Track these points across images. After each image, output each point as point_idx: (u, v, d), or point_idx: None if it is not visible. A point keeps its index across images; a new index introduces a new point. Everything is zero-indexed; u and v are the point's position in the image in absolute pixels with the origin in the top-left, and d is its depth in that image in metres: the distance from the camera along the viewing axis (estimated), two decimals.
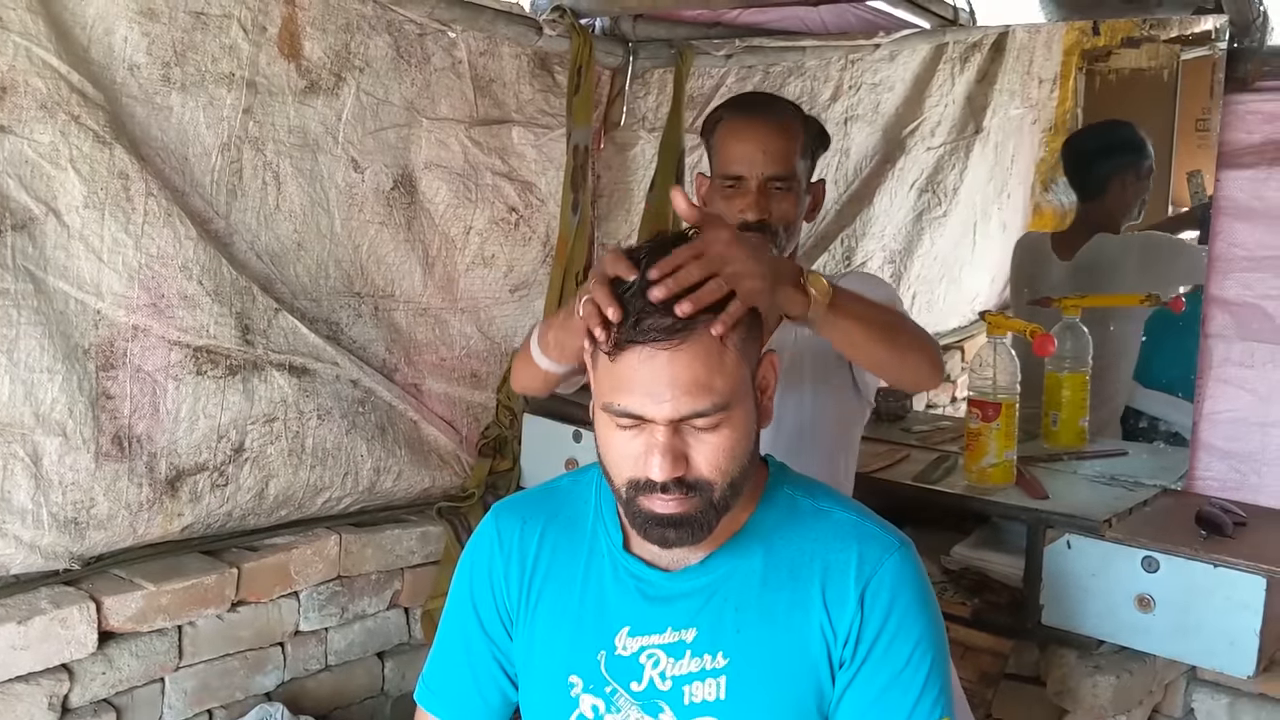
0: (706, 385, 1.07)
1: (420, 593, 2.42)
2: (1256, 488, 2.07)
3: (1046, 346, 2.10)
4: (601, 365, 1.11)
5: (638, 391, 1.07)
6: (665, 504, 1.09)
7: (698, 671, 1.16)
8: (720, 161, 1.72)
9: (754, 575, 1.18)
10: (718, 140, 1.73)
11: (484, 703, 1.31)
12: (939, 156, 3.18)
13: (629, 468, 1.11)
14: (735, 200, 1.66)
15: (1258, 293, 2.06)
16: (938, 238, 3.26)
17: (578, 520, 1.27)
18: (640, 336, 1.06)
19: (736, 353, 1.10)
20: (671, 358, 1.06)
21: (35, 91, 1.77)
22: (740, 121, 1.70)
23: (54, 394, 1.84)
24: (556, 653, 1.23)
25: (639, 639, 1.18)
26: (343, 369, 2.26)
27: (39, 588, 1.89)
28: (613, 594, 1.21)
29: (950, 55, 3.08)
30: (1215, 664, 1.82)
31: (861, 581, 1.14)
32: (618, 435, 1.11)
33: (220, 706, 2.11)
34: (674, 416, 1.07)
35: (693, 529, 1.11)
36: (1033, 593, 1.95)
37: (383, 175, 2.31)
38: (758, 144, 1.66)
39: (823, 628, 1.14)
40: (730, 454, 1.10)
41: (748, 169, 1.66)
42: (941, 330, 3.39)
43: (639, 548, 1.21)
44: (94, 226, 1.86)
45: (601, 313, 1.07)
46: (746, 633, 1.16)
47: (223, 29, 1.99)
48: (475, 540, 1.32)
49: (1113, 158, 2.59)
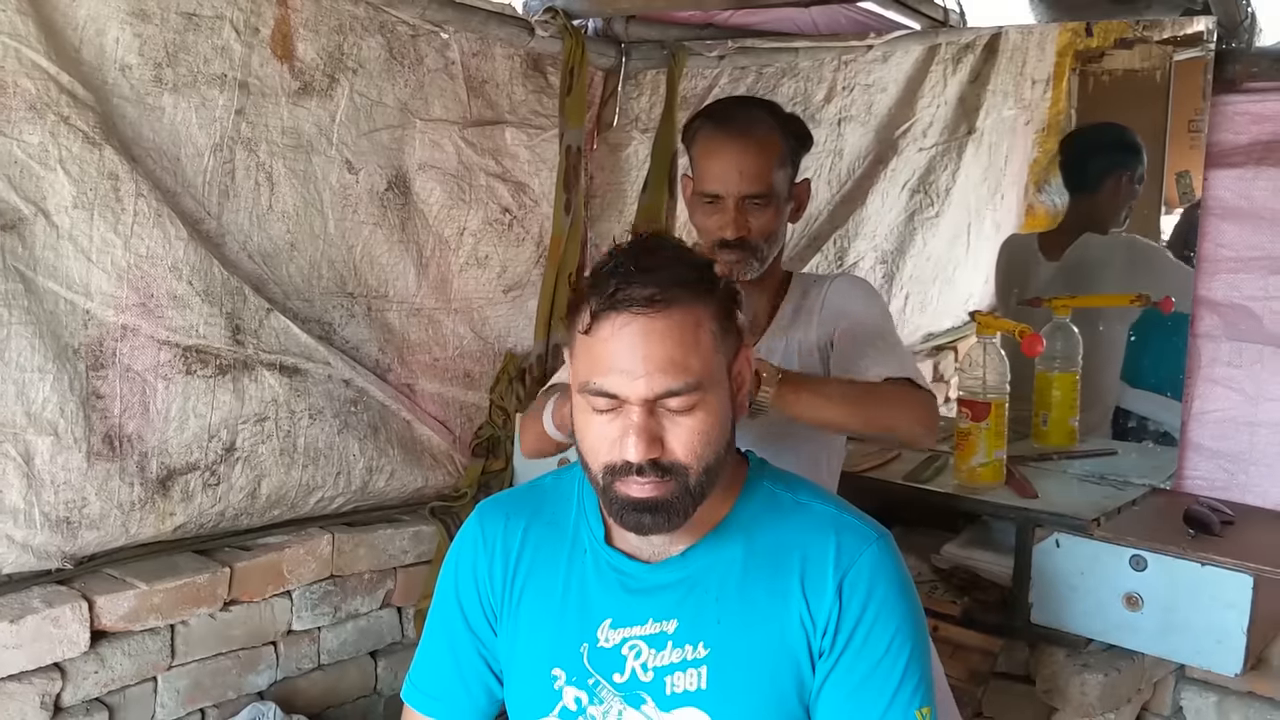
0: (681, 364, 1.09)
1: (413, 592, 2.42)
2: (1244, 487, 2.08)
3: (1035, 347, 2.11)
4: (580, 346, 1.13)
5: (614, 369, 1.09)
6: (641, 487, 1.11)
7: (679, 662, 1.18)
8: (698, 177, 1.72)
9: (734, 566, 1.19)
10: (696, 153, 1.73)
11: (470, 700, 1.32)
12: (932, 157, 3.19)
13: (605, 452, 1.13)
14: (714, 217, 1.68)
15: (1245, 293, 2.07)
16: (930, 238, 3.26)
17: (560, 516, 1.29)
18: (617, 305, 1.08)
19: (712, 337, 1.12)
20: (647, 328, 1.08)
21: (24, 92, 1.77)
22: (717, 140, 1.69)
23: (45, 394, 1.84)
24: (540, 646, 1.24)
25: (621, 630, 1.20)
26: (335, 369, 2.27)
27: (31, 587, 1.89)
28: (595, 587, 1.23)
29: (943, 56, 3.09)
30: (1203, 662, 1.83)
31: (840, 572, 1.16)
32: (595, 420, 1.13)
33: (213, 705, 2.11)
34: (648, 395, 1.09)
35: (668, 514, 1.12)
36: (1022, 591, 1.97)
37: (377, 176, 2.31)
38: (733, 164, 1.66)
39: (802, 618, 1.16)
40: (705, 438, 1.12)
41: (724, 188, 1.67)
42: (934, 330, 3.40)
43: (621, 541, 1.23)
44: (83, 227, 1.86)
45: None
46: (727, 623, 1.17)
47: (215, 30, 2.00)
48: (460, 539, 1.34)
49: (1111, 157, 2.60)
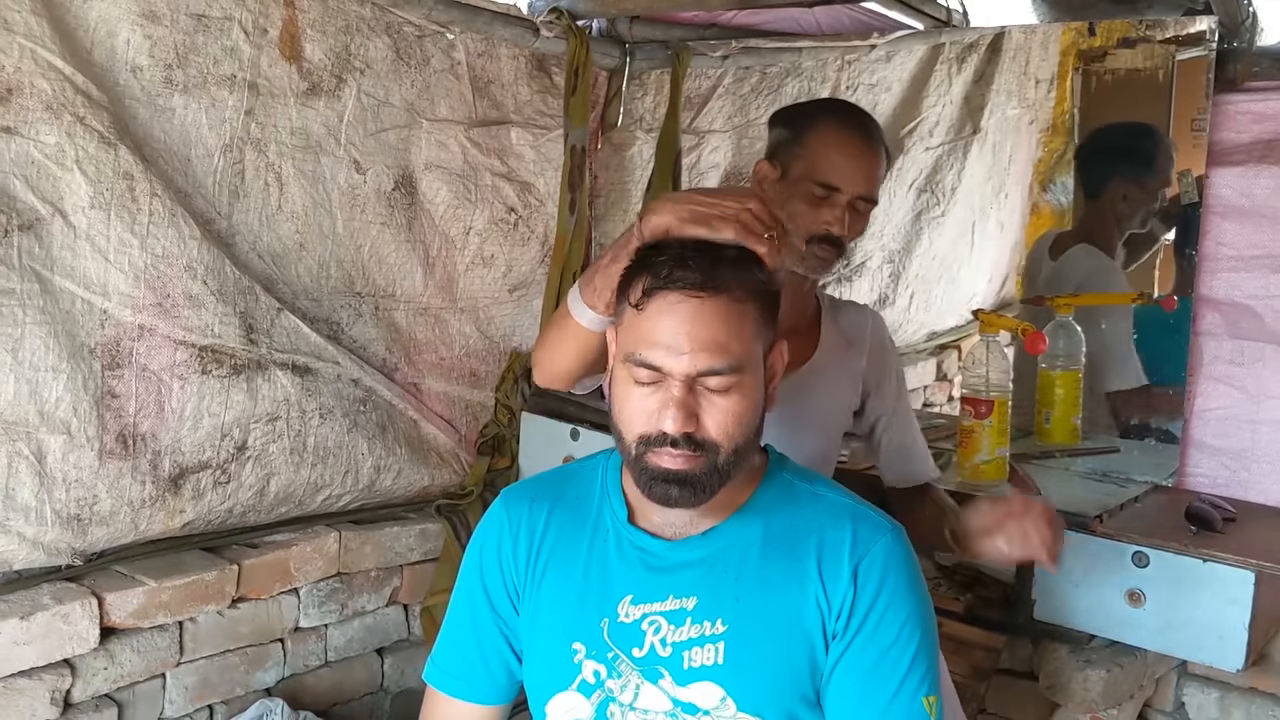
0: (724, 345, 1.14)
1: (419, 590, 2.44)
2: (1246, 484, 2.09)
3: (1037, 345, 2.12)
4: (627, 318, 1.18)
5: (660, 344, 1.14)
6: (674, 459, 1.15)
7: (697, 637, 1.21)
8: (815, 166, 1.67)
9: (753, 547, 1.23)
10: (814, 142, 1.68)
11: (491, 679, 1.36)
12: (937, 157, 3.20)
13: (642, 423, 1.16)
14: (823, 210, 1.65)
15: (1247, 292, 2.07)
16: (936, 237, 3.28)
17: (583, 498, 1.32)
18: (670, 285, 1.14)
19: (754, 325, 1.18)
20: (696, 309, 1.13)
21: (41, 93, 1.78)
22: (848, 135, 1.68)
23: (58, 392, 1.86)
24: (560, 621, 1.28)
25: (641, 606, 1.23)
26: (344, 368, 2.28)
27: (41, 584, 1.91)
28: (616, 565, 1.26)
29: (947, 56, 3.10)
30: (1205, 658, 1.84)
31: (855, 558, 1.20)
32: (635, 391, 1.17)
33: (221, 702, 2.13)
34: (691, 371, 1.13)
35: (695, 489, 1.16)
36: (1024, 588, 1.97)
37: (384, 176, 2.33)
38: (860, 161, 1.66)
39: (818, 599, 1.19)
40: (738, 419, 1.16)
41: (845, 183, 1.65)
42: (938, 329, 3.42)
43: (643, 520, 1.26)
44: (100, 227, 1.88)
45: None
46: (745, 601, 1.21)
47: (224, 31, 2.01)
48: (485, 522, 1.38)
49: (1114, 163, 2.60)
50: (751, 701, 1.19)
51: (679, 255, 1.16)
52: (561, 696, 1.26)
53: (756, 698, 1.19)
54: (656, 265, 1.16)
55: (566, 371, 1.46)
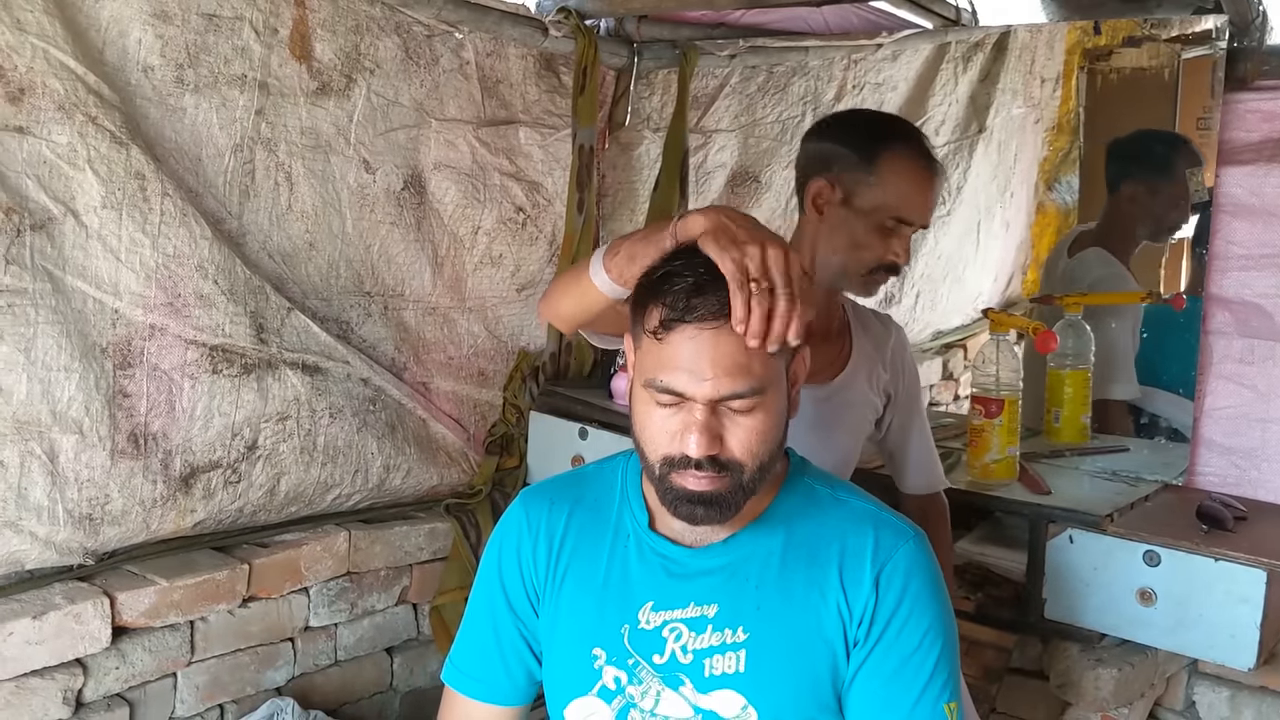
0: (746, 368, 1.12)
1: (428, 589, 2.44)
2: (1256, 483, 2.09)
3: (1049, 344, 2.12)
4: (646, 345, 1.16)
5: (682, 370, 1.12)
6: (698, 481, 1.14)
7: (718, 645, 1.20)
8: (891, 200, 1.67)
9: (774, 555, 1.22)
10: (888, 173, 1.67)
11: (510, 680, 1.35)
12: (943, 156, 3.20)
13: (665, 444, 1.15)
14: (893, 241, 1.67)
15: (1257, 290, 2.08)
16: (942, 236, 3.28)
17: (603, 503, 1.32)
18: (688, 317, 1.12)
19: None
20: (716, 337, 1.11)
21: (53, 93, 1.79)
22: (923, 168, 1.69)
23: (71, 392, 1.86)
24: (581, 627, 1.27)
25: (662, 613, 1.23)
26: (354, 368, 2.28)
27: (53, 583, 1.91)
28: (637, 571, 1.26)
29: (953, 55, 3.10)
30: (1216, 657, 1.84)
31: (878, 565, 1.19)
32: (657, 412, 1.16)
33: (231, 701, 2.13)
34: (714, 396, 1.12)
35: (721, 507, 1.16)
36: (1035, 587, 1.98)
37: (393, 176, 2.33)
38: (932, 194, 1.69)
39: (839, 607, 1.19)
40: (762, 438, 1.15)
41: (919, 217, 1.69)
42: (943, 328, 3.42)
43: (664, 527, 1.26)
44: (112, 226, 1.88)
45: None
46: (766, 609, 1.20)
47: (235, 31, 2.01)
48: (504, 523, 1.37)
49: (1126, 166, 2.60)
50: (773, 709, 1.19)
51: (695, 284, 1.12)
52: (581, 701, 1.26)
53: (778, 706, 1.19)
54: (674, 295, 1.13)
55: (570, 318, 1.44)
